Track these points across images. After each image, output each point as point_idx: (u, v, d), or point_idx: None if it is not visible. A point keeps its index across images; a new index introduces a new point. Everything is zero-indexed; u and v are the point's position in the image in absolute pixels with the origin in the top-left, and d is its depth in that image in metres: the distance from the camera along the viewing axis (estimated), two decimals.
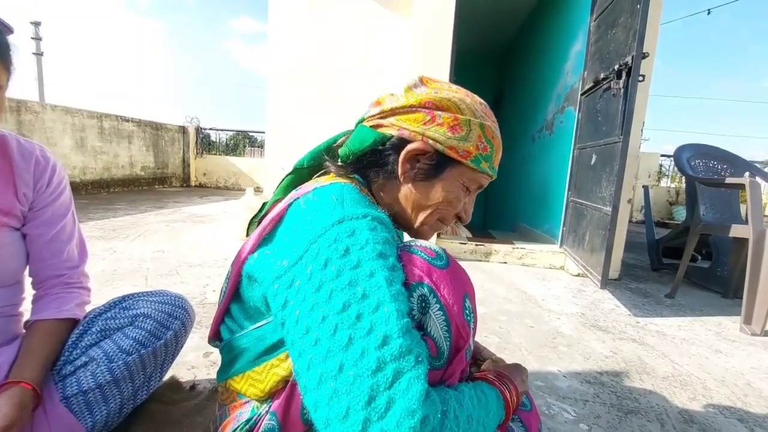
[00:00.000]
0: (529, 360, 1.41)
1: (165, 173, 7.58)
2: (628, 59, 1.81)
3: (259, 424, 0.57)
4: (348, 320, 0.42)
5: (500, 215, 5.16)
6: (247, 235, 0.69)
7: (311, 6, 2.99)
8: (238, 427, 0.58)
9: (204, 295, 1.80)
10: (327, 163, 0.67)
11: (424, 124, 0.58)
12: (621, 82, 1.88)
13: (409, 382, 0.40)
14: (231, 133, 9.32)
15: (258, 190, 3.51)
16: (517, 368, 0.65)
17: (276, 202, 0.66)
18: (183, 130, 8.11)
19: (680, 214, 6.28)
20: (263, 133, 10.27)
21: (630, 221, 3.48)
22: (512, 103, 5.20)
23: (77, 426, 0.77)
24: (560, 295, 2.22)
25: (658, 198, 6.79)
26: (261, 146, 11.11)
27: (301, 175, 0.70)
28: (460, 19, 2.63)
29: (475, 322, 0.54)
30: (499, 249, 2.86)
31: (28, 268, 0.82)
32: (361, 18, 2.94)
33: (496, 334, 1.62)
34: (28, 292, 0.84)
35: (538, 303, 2.05)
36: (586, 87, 2.56)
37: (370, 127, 0.62)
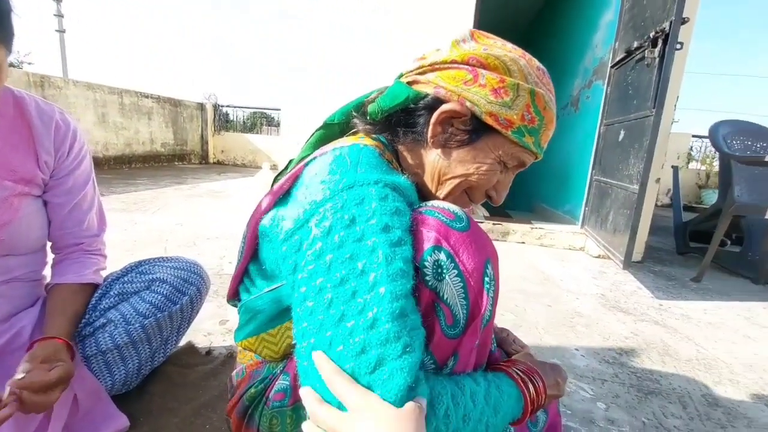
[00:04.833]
0: (545, 338, 1.39)
1: (184, 150, 7.68)
2: (666, 25, 1.68)
3: (273, 383, 0.57)
4: (344, 296, 0.41)
5: (518, 195, 5.02)
6: None
7: None
8: (252, 384, 0.59)
9: (221, 267, 1.82)
10: (355, 120, 0.62)
11: (465, 83, 0.52)
12: (656, 50, 1.75)
13: (391, 373, 0.38)
14: (249, 111, 9.30)
15: (274, 167, 3.50)
16: (554, 368, 0.60)
17: (303, 159, 0.61)
18: (201, 107, 8.15)
19: (710, 198, 6.01)
20: (280, 110, 10.29)
21: (656, 205, 3.35)
22: None
23: (97, 385, 0.79)
24: (579, 276, 2.17)
25: (687, 181, 6.49)
26: (279, 125, 11.08)
27: (332, 131, 0.65)
28: None
29: (496, 291, 0.50)
30: (517, 228, 2.80)
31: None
32: None
33: (512, 312, 1.59)
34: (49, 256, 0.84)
35: (557, 283, 2.00)
36: (617, 58, 2.42)
37: (407, 83, 0.57)
